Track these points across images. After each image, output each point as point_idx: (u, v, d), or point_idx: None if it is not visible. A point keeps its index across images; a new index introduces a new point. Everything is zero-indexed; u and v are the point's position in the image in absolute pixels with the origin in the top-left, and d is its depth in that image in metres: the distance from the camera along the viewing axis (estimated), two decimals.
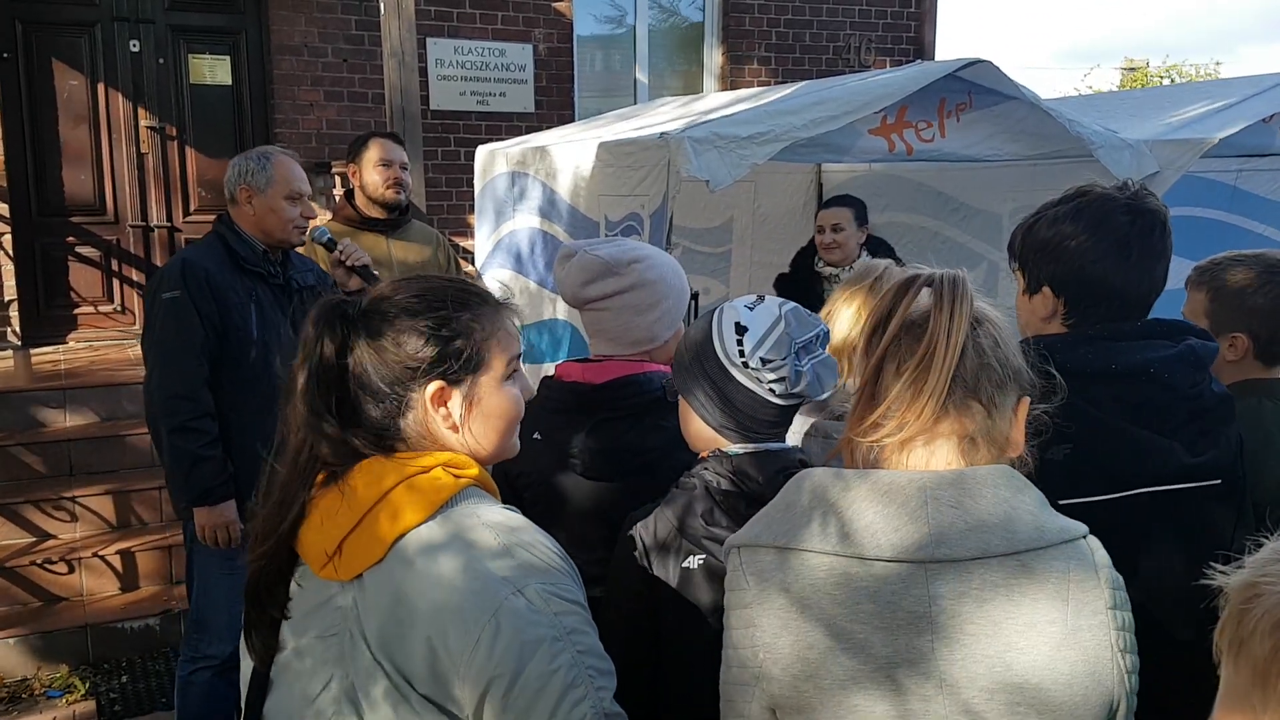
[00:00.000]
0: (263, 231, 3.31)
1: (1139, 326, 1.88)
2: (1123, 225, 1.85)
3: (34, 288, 6.77)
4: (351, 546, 1.33)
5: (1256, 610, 0.87)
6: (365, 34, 7.32)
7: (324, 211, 7.20)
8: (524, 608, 1.26)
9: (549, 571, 1.31)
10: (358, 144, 4.20)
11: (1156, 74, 24.65)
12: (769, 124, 3.62)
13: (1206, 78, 22.34)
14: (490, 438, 1.46)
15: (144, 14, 6.91)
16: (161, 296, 3.16)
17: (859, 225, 4.61)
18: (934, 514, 1.29)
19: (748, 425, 1.77)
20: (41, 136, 6.71)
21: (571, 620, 1.29)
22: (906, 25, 9.20)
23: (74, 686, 4.31)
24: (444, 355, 1.39)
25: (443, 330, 1.39)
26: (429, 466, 1.36)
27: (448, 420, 1.41)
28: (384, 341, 1.38)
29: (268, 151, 3.36)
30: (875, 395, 1.37)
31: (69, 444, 5.20)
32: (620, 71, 8.57)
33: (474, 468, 1.41)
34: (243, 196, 3.29)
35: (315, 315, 1.39)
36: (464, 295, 1.44)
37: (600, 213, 3.91)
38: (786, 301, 1.81)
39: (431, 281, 1.46)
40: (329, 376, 1.37)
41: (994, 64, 3.98)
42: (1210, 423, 1.86)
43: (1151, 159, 4.07)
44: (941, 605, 1.28)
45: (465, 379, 1.41)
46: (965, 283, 1.36)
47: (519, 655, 1.24)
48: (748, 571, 1.39)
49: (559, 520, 2.11)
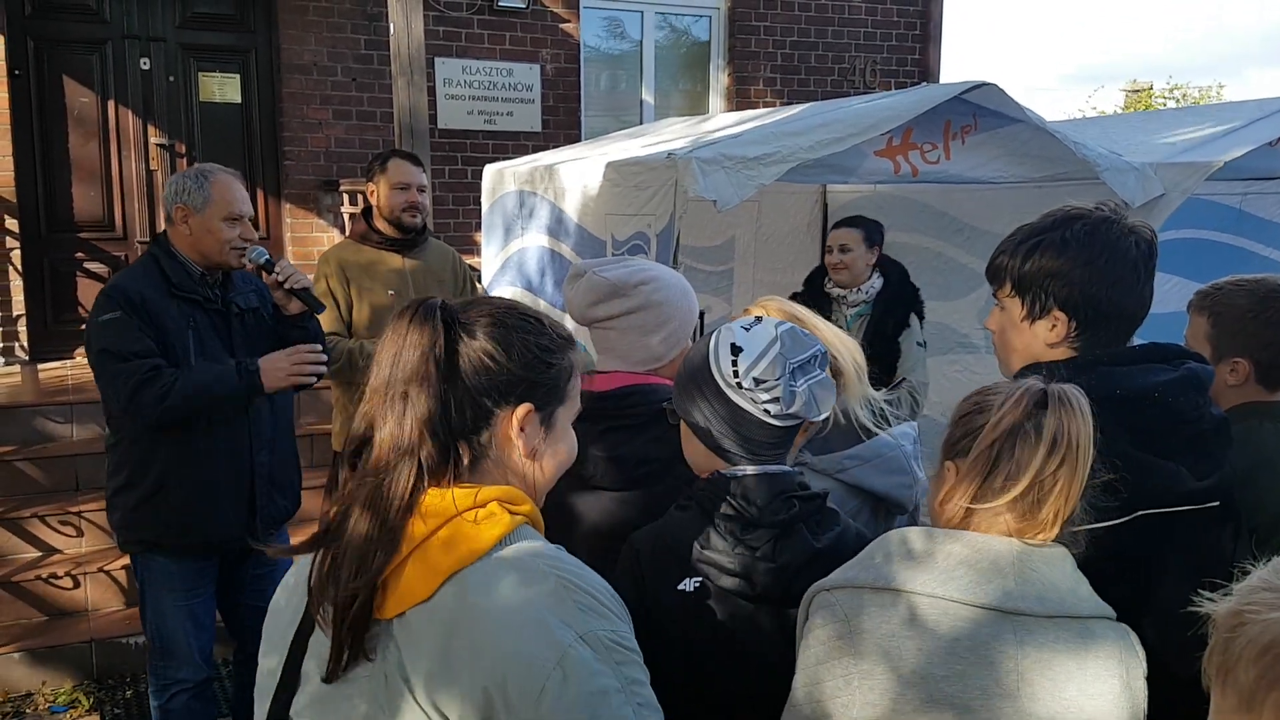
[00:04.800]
0: (199, 254, 3.14)
1: (1139, 351, 1.88)
2: (1131, 247, 1.86)
3: (42, 303, 6.81)
4: (397, 582, 1.24)
5: (1241, 639, 0.89)
6: (374, 53, 7.37)
7: (331, 229, 7.25)
8: (590, 657, 1.19)
9: (608, 617, 1.25)
10: (377, 162, 4.18)
11: (1160, 96, 24.72)
12: (776, 145, 3.64)
13: (1209, 100, 22.41)
14: (551, 472, 1.42)
15: (155, 32, 6.97)
16: (99, 319, 3.02)
17: (869, 246, 4.55)
18: (1019, 574, 1.49)
19: (745, 447, 1.76)
20: (52, 153, 6.76)
21: (631, 670, 1.24)
22: (911, 48, 9.25)
23: (78, 701, 4.31)
24: (543, 380, 1.36)
25: (549, 356, 1.36)
26: (485, 500, 1.28)
27: (526, 446, 1.35)
28: (486, 346, 1.32)
29: (206, 170, 3.19)
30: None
31: (75, 459, 5.22)
32: (626, 91, 8.61)
33: (528, 503, 1.35)
34: (179, 216, 3.12)
35: (419, 313, 1.31)
36: (563, 329, 1.42)
37: (607, 232, 3.93)
38: (784, 322, 1.81)
39: (531, 309, 1.42)
40: (441, 375, 1.28)
41: (999, 87, 4.00)
42: (1212, 446, 1.87)
43: (1157, 181, 4.08)
44: (1025, 651, 1.46)
45: (550, 408, 1.38)
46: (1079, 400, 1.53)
47: (586, 707, 1.17)
48: (842, 609, 1.52)
49: (563, 531, 2.12)
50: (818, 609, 1.55)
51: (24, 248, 6.61)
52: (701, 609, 1.73)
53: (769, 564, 1.69)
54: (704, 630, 1.73)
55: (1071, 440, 1.49)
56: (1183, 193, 4.10)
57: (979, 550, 1.50)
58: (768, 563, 1.69)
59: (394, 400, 1.29)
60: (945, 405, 4.49)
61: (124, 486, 3.18)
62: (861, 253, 4.52)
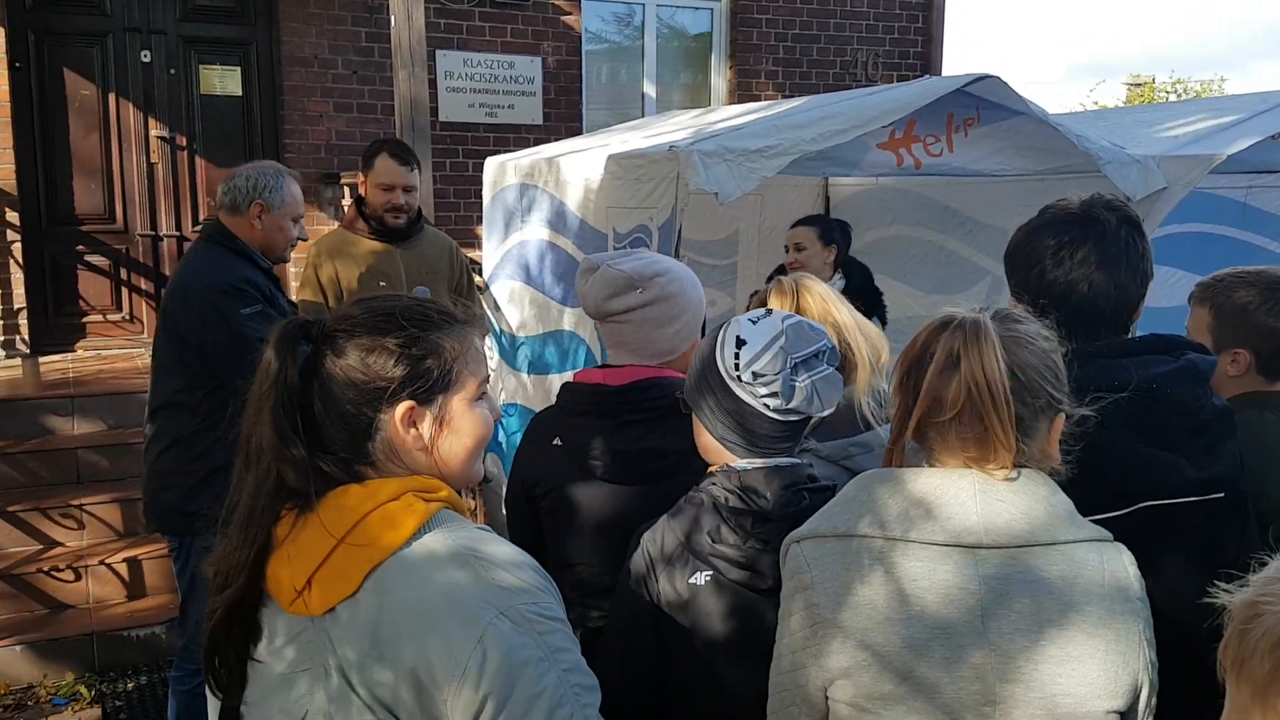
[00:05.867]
0: (264, 247, 3.33)
1: (1138, 342, 1.88)
2: (1124, 238, 1.86)
3: (43, 296, 6.80)
4: (322, 581, 1.28)
5: (1257, 630, 0.88)
6: (375, 46, 7.36)
7: (331, 222, 7.24)
8: (509, 630, 1.24)
9: (529, 590, 1.28)
10: (367, 154, 4.14)
11: (1163, 90, 24.66)
12: (778, 137, 3.63)
13: (1212, 93, 22.35)
14: (459, 458, 1.42)
15: (155, 25, 6.96)
16: (243, 313, 3.11)
17: (824, 244, 4.48)
18: (981, 507, 1.45)
19: (750, 439, 1.76)
20: (53, 146, 6.75)
21: (555, 639, 1.28)
22: (914, 40, 9.22)
23: (80, 694, 4.31)
24: (414, 374, 1.36)
25: (412, 349, 1.36)
26: (398, 493, 1.32)
27: (418, 441, 1.37)
28: (351, 361, 1.34)
29: (280, 170, 3.38)
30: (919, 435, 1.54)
31: (76, 452, 5.22)
32: (628, 84, 8.60)
33: (444, 489, 1.38)
34: (254, 211, 3.28)
35: (278, 336, 1.35)
36: (431, 313, 1.42)
37: (608, 225, 3.92)
38: (792, 316, 1.81)
39: (397, 300, 1.43)
40: (294, 399, 1.32)
41: (1001, 79, 3.98)
42: (1213, 437, 1.86)
43: (1159, 174, 4.06)
44: (991, 585, 1.43)
45: (436, 399, 1.39)
46: (986, 325, 1.48)
47: (507, 679, 1.22)
48: (809, 558, 1.52)
49: (577, 527, 2.11)
50: (787, 562, 1.57)
51: (25, 241, 6.60)
52: (712, 602, 1.73)
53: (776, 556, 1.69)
54: (714, 623, 1.73)
55: (971, 361, 1.45)
56: (1185, 186, 4.08)
57: (936, 488, 1.48)
58: (775, 555, 1.69)
59: (252, 424, 1.34)
60: None
61: (215, 470, 3.13)
62: (817, 251, 4.44)
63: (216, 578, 1.36)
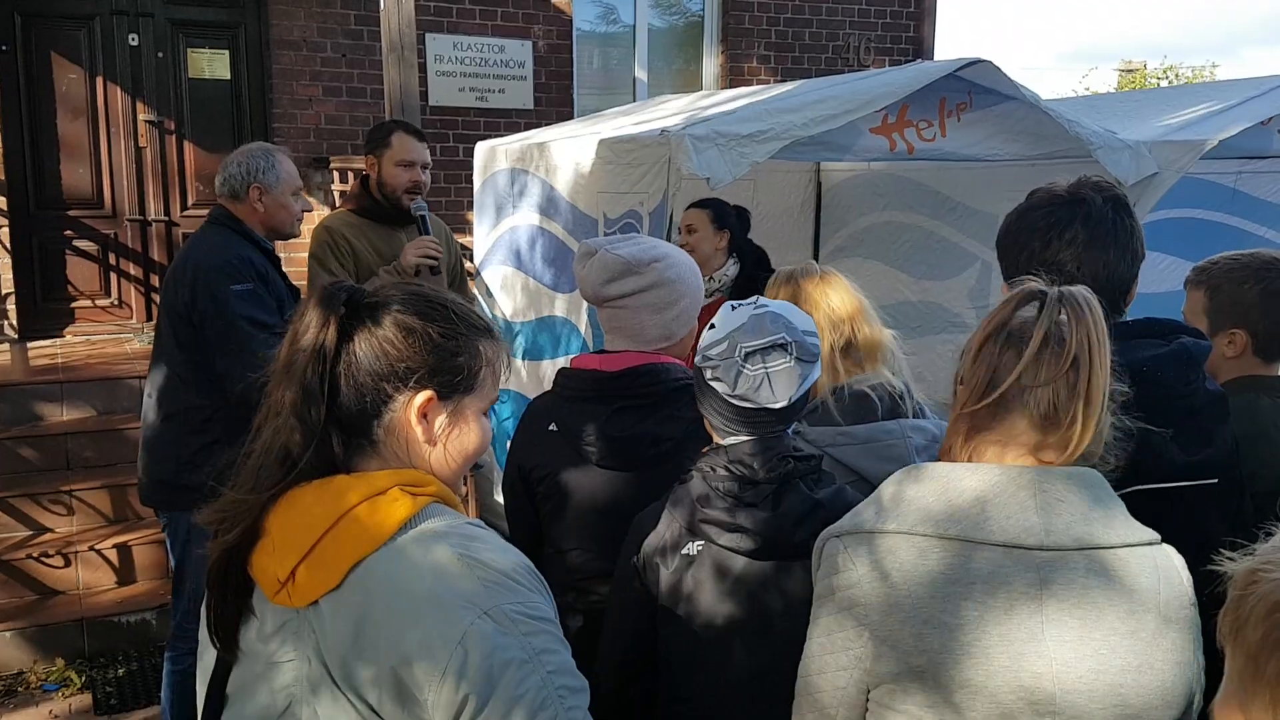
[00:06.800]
0: (269, 228, 3.36)
1: (1132, 326, 1.88)
2: (1112, 218, 1.87)
3: (31, 281, 6.76)
4: (305, 573, 1.27)
5: (1253, 597, 0.89)
6: (364, 29, 7.31)
7: (321, 207, 7.21)
8: (492, 630, 1.21)
9: (515, 589, 1.26)
10: (380, 134, 4.02)
11: (1154, 76, 24.67)
12: (770, 122, 3.62)
13: (1203, 80, 22.37)
14: (457, 462, 1.41)
15: (143, 8, 6.90)
16: (233, 289, 3.12)
17: (717, 229, 4.27)
18: (1043, 505, 1.36)
19: (723, 419, 1.78)
20: (40, 130, 6.70)
21: (541, 640, 1.25)
22: (906, 25, 9.20)
23: (70, 680, 4.30)
24: (445, 367, 1.36)
25: (451, 342, 1.36)
26: (386, 486, 1.30)
27: (427, 433, 1.36)
28: (389, 334, 1.33)
29: (270, 148, 3.39)
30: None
31: (66, 438, 5.20)
32: (619, 69, 8.56)
33: (433, 484, 1.36)
34: (253, 195, 3.29)
35: (322, 296, 1.34)
36: (477, 316, 1.42)
37: (599, 210, 3.91)
38: (770, 304, 1.81)
39: (447, 295, 1.42)
40: (326, 360, 1.31)
41: (994, 64, 3.98)
42: (1205, 421, 1.87)
43: (1151, 160, 4.07)
44: (1053, 590, 1.34)
45: (455, 397, 1.38)
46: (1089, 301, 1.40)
47: (487, 680, 1.19)
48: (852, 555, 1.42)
49: (573, 512, 2.12)
50: (826, 557, 1.48)
51: (12, 225, 6.55)
52: (705, 570, 1.74)
53: (767, 513, 1.70)
54: (708, 592, 1.74)
55: (1068, 338, 1.35)
56: (1176, 171, 4.09)
57: (994, 484, 1.38)
58: (766, 512, 1.70)
59: (280, 381, 1.33)
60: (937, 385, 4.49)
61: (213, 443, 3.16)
62: (708, 234, 4.25)
63: (219, 524, 1.34)
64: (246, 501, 1.32)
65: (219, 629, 1.36)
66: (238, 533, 1.32)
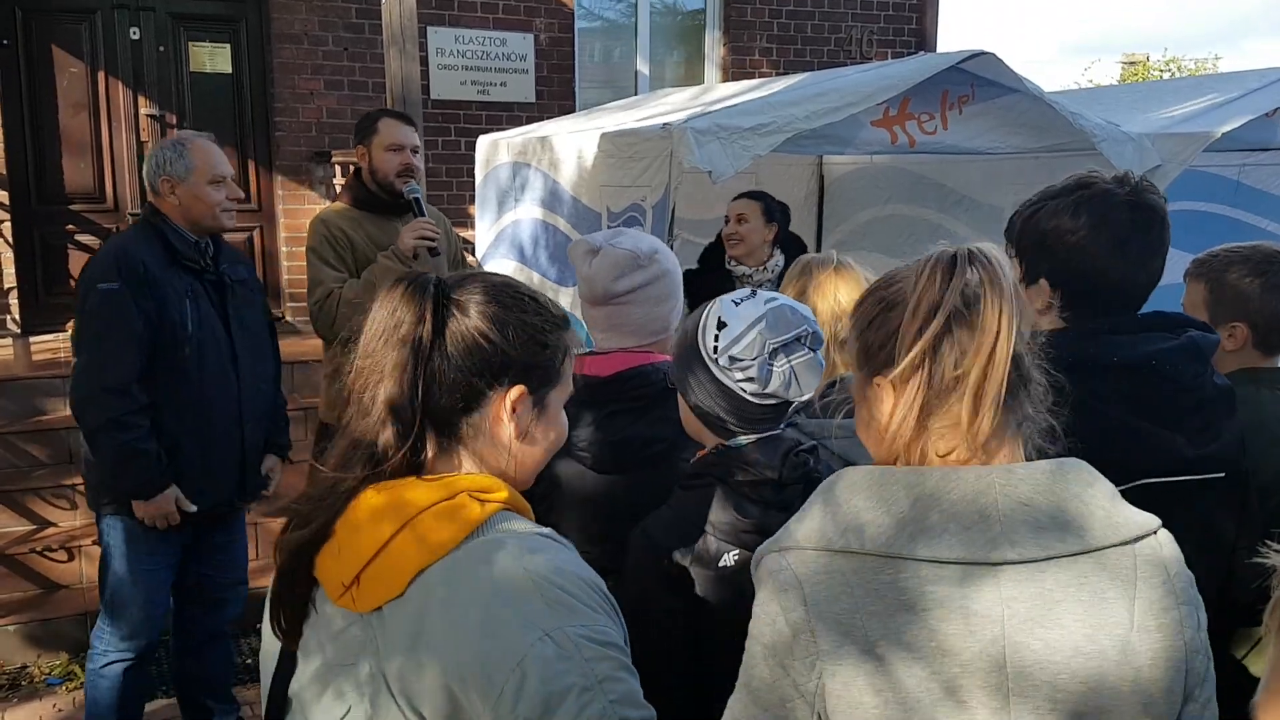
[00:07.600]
0: (190, 222, 3.22)
1: (1139, 319, 1.87)
2: (1123, 220, 1.84)
3: (33, 276, 6.76)
4: (370, 579, 1.22)
5: None
6: (365, 22, 7.30)
7: (323, 201, 7.21)
8: (553, 654, 1.14)
9: (582, 612, 1.19)
10: (366, 124, 3.96)
11: (1156, 68, 24.62)
12: (772, 115, 3.62)
13: (1206, 72, 22.32)
14: (538, 457, 1.37)
15: (144, 1, 6.88)
16: (98, 287, 3.05)
17: (767, 220, 4.28)
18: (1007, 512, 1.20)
19: (737, 420, 1.76)
20: (41, 124, 6.69)
21: (605, 667, 1.17)
22: (908, 17, 9.18)
23: (73, 674, 4.31)
24: (537, 360, 1.32)
25: (544, 336, 1.32)
26: (454, 492, 1.24)
27: (519, 428, 1.31)
28: (481, 325, 1.28)
29: (182, 138, 3.28)
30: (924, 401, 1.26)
31: (68, 432, 5.19)
32: (621, 62, 8.54)
33: (503, 490, 1.29)
34: (165, 189, 3.20)
35: (410, 288, 1.28)
36: (556, 306, 1.37)
37: (602, 203, 3.91)
38: (778, 297, 1.79)
39: (527, 287, 1.37)
40: (424, 355, 1.25)
41: (996, 56, 3.97)
42: (1212, 415, 1.86)
43: (1154, 152, 4.07)
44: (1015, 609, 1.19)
45: (544, 391, 1.34)
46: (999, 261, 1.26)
47: (545, 705, 1.13)
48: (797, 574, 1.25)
49: (567, 516, 2.11)
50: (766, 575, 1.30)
51: (14, 220, 6.55)
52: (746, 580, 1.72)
53: None
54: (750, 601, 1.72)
55: (989, 310, 1.22)
56: (1180, 164, 4.09)
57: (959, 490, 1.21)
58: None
59: (370, 377, 1.27)
60: None
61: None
62: (759, 226, 4.25)
63: (293, 520, 1.30)
64: (325, 500, 1.28)
65: (284, 624, 1.32)
66: (312, 530, 1.27)
